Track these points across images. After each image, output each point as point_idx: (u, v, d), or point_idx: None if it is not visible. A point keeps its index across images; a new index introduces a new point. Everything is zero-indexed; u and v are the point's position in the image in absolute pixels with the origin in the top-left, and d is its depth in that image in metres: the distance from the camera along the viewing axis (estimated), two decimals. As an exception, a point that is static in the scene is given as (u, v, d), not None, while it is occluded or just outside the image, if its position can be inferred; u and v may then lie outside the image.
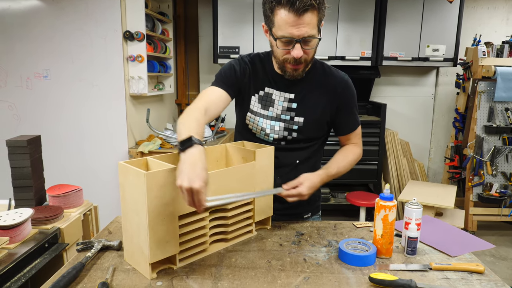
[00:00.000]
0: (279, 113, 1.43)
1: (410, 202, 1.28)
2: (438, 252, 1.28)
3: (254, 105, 1.46)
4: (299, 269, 1.16)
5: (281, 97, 1.43)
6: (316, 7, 1.20)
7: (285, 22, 1.20)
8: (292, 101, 1.42)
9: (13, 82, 3.16)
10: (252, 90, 1.45)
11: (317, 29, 1.26)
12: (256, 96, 1.45)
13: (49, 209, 1.60)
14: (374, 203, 1.27)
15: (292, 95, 1.42)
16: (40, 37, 3.07)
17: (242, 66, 1.44)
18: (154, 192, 1.06)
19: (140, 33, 3.07)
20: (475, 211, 3.75)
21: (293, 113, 1.43)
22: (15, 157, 1.62)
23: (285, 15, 1.20)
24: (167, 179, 1.08)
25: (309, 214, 1.60)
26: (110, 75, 3.10)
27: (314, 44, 1.28)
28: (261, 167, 1.34)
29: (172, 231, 1.12)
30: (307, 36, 1.22)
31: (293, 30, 1.21)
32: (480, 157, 3.69)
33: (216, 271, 1.14)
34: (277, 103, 1.43)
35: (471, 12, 4.32)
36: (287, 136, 1.45)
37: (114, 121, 3.16)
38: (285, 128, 1.44)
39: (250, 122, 1.48)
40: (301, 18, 1.19)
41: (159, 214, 1.08)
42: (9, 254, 1.30)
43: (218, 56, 3.86)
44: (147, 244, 1.07)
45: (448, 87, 4.49)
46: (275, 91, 1.43)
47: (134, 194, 1.10)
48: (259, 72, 1.45)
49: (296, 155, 1.48)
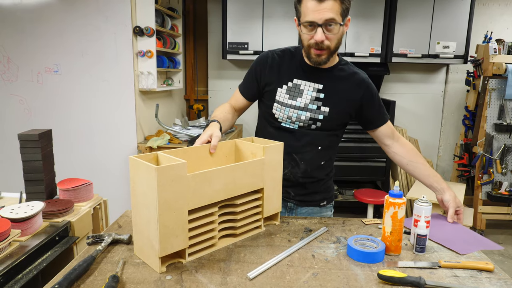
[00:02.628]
0: (307, 102, 1.51)
1: (420, 200, 1.28)
2: (447, 250, 1.28)
3: (281, 96, 1.54)
4: (307, 265, 1.16)
5: (310, 87, 1.51)
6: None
7: (309, 9, 1.33)
8: (321, 91, 1.51)
9: (24, 76, 3.19)
10: (279, 82, 1.55)
11: (340, 17, 1.35)
12: (284, 87, 1.54)
13: (59, 203, 1.62)
14: (382, 200, 1.28)
15: (321, 85, 1.51)
16: (51, 32, 3.09)
17: (260, 64, 1.58)
18: (165, 186, 1.06)
19: (149, 29, 3.08)
20: (484, 209, 3.72)
21: (320, 102, 1.51)
22: (27, 150, 1.64)
23: (309, 3, 1.33)
24: (177, 173, 1.09)
25: (325, 202, 1.68)
26: (120, 70, 3.12)
27: (336, 30, 1.36)
28: (270, 162, 1.36)
29: (182, 225, 1.13)
30: (328, 18, 1.32)
31: (315, 15, 1.32)
32: (489, 155, 3.66)
33: (225, 266, 1.15)
34: (305, 93, 1.52)
35: (482, 8, 4.26)
36: (311, 124, 1.53)
37: (123, 116, 3.18)
38: (311, 118, 1.52)
39: (277, 111, 1.56)
40: (322, 4, 1.31)
41: (169, 208, 1.09)
42: (21, 247, 1.32)
43: (227, 52, 3.86)
44: (157, 238, 1.08)
45: (458, 84, 4.44)
46: (304, 82, 1.52)
47: (144, 188, 1.11)
48: (288, 65, 1.55)
49: (319, 143, 1.56)
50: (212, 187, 1.19)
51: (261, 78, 1.58)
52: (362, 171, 3.97)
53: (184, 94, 4.51)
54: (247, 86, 1.64)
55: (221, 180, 1.21)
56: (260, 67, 1.58)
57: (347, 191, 4.17)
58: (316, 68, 1.49)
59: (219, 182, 1.21)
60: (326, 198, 1.69)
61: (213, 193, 1.20)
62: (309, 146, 1.55)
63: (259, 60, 1.59)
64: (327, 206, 1.70)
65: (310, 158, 1.57)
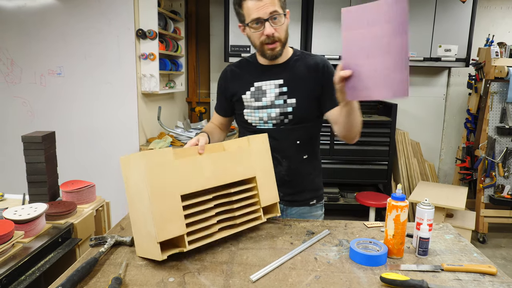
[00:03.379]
0: (273, 99, 1.55)
1: (422, 203, 1.28)
2: (450, 253, 1.28)
3: (247, 101, 1.59)
4: (310, 267, 1.16)
5: (271, 85, 1.55)
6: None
7: (251, 9, 1.40)
8: (282, 85, 1.54)
9: (27, 78, 3.20)
10: (242, 89, 1.60)
11: (281, 9, 1.42)
12: (248, 93, 1.59)
13: (62, 205, 1.62)
14: (384, 203, 1.28)
15: (281, 80, 1.55)
16: (55, 34, 3.11)
17: (223, 80, 1.68)
18: (153, 170, 1.13)
19: (152, 32, 3.10)
20: (486, 213, 3.71)
21: (285, 96, 1.54)
22: (30, 152, 1.64)
23: (249, 4, 1.40)
24: (164, 159, 1.16)
25: (314, 201, 1.69)
26: (123, 73, 3.13)
27: (282, 21, 1.43)
28: (257, 151, 1.42)
29: (177, 211, 1.16)
30: (272, 11, 1.39)
31: (259, 12, 1.39)
32: (492, 159, 3.65)
33: (228, 268, 1.15)
34: (269, 92, 1.55)
35: (484, 12, 4.27)
36: (284, 119, 1.56)
37: (125, 118, 3.19)
38: (280, 113, 1.55)
39: (248, 116, 1.61)
40: (262, 1, 1.38)
41: (160, 193, 1.13)
42: (24, 248, 1.33)
43: (229, 54, 3.87)
44: (153, 224, 1.11)
45: (460, 87, 4.44)
46: (264, 82, 1.56)
47: (136, 179, 1.16)
48: (246, 72, 1.62)
49: (296, 137, 1.58)
50: (202, 174, 1.25)
51: (227, 92, 1.66)
52: (364, 174, 3.97)
53: (186, 97, 4.53)
54: (218, 104, 1.74)
55: (210, 167, 1.27)
56: (222, 82, 1.69)
57: (349, 194, 4.16)
58: (272, 65, 1.56)
59: (208, 169, 1.27)
60: (315, 197, 1.69)
61: (204, 180, 1.25)
62: (287, 142, 1.57)
63: (221, 77, 1.70)
64: (317, 205, 1.71)
65: (291, 154, 1.58)
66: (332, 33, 3.84)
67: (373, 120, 3.88)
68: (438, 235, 1.42)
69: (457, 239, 1.39)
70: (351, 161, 3.93)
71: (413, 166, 4.09)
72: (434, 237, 1.39)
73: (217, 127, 1.75)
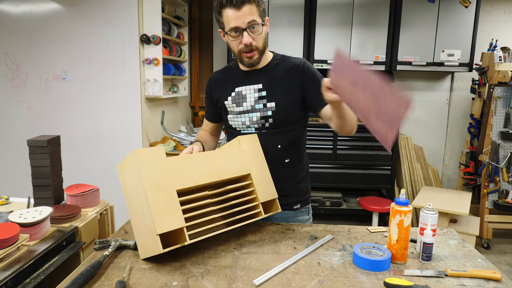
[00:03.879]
0: (253, 104, 1.57)
1: (426, 208, 1.28)
2: (454, 258, 1.27)
3: (229, 106, 1.62)
4: (313, 272, 1.16)
5: (251, 90, 1.58)
6: (249, 0, 1.41)
7: (230, 18, 1.42)
8: (261, 90, 1.56)
9: (32, 83, 3.23)
10: (225, 95, 1.63)
11: (260, 18, 1.45)
12: (229, 98, 1.62)
13: (67, 208, 1.63)
14: (387, 208, 1.28)
15: (260, 85, 1.57)
16: (60, 39, 3.14)
17: (209, 87, 1.72)
18: (147, 166, 1.18)
19: (156, 37, 3.12)
20: (490, 218, 3.69)
21: (265, 100, 1.56)
22: (36, 156, 1.66)
23: (229, 12, 1.42)
24: (156, 156, 1.22)
25: (298, 205, 1.67)
26: (127, 78, 3.15)
27: (260, 30, 1.46)
28: (249, 150, 1.46)
29: (174, 204, 1.18)
30: (250, 21, 1.41)
31: (237, 22, 1.42)
32: (496, 164, 3.64)
33: (231, 273, 1.15)
34: (248, 97, 1.58)
35: (487, 16, 4.27)
36: (264, 123, 1.57)
37: (129, 122, 3.21)
38: (261, 117, 1.57)
39: (232, 121, 1.64)
40: (241, 10, 1.40)
41: (156, 187, 1.17)
42: (29, 251, 1.33)
43: (231, 59, 3.88)
44: (151, 217, 1.13)
45: (463, 92, 4.44)
46: (244, 87, 1.59)
47: (132, 180, 1.20)
48: (228, 79, 1.66)
49: (277, 141, 1.59)
50: (196, 171, 1.29)
51: (213, 99, 1.70)
52: (367, 179, 3.96)
53: (189, 101, 4.54)
54: (208, 111, 1.79)
55: (204, 164, 1.32)
56: (209, 89, 1.72)
57: (352, 199, 4.15)
58: (252, 71, 1.58)
59: (202, 166, 1.31)
60: (300, 201, 1.67)
61: (199, 176, 1.29)
62: (268, 146, 1.55)
63: (207, 84, 1.74)
64: (302, 210, 1.68)
65: (273, 158, 1.55)
66: (335, 38, 3.85)
67: (376, 125, 3.87)
68: (442, 241, 1.42)
69: (461, 244, 1.39)
70: (354, 166, 3.92)
71: (417, 171, 4.08)
72: (438, 242, 1.39)
73: (208, 134, 1.80)
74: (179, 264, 1.20)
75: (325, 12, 3.83)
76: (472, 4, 3.81)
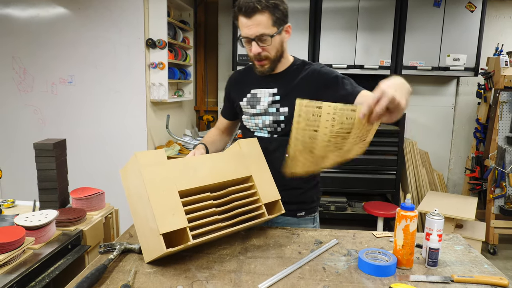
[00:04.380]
0: (266, 107, 1.56)
1: (432, 213, 1.27)
2: (460, 264, 1.26)
3: (244, 107, 1.63)
4: (318, 277, 1.16)
5: (265, 94, 1.57)
6: (260, 9, 1.36)
7: (242, 25, 1.41)
8: (276, 94, 1.55)
9: (39, 87, 3.25)
10: (241, 96, 1.64)
11: (273, 28, 1.40)
12: (245, 99, 1.62)
13: (72, 211, 1.64)
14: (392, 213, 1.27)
15: (275, 89, 1.55)
16: (66, 43, 3.16)
17: (228, 85, 1.73)
18: (148, 167, 1.19)
19: (162, 41, 3.14)
20: (496, 223, 3.66)
21: (278, 104, 1.54)
22: (42, 159, 1.67)
23: (241, 20, 1.41)
24: (157, 158, 1.24)
25: (302, 213, 1.63)
26: (132, 82, 3.16)
27: (269, 42, 1.42)
28: (249, 153, 1.47)
29: (176, 205, 1.19)
30: (258, 34, 1.39)
31: (246, 31, 1.40)
32: (502, 169, 3.61)
33: (236, 277, 1.15)
34: (262, 100, 1.57)
35: (493, 21, 4.26)
36: (277, 127, 1.56)
37: (134, 126, 3.22)
38: (273, 121, 1.56)
39: (246, 122, 1.65)
40: (251, 20, 1.38)
41: (158, 187, 1.18)
42: (34, 254, 1.34)
43: (237, 63, 3.90)
44: (154, 217, 1.13)
45: (469, 97, 4.42)
46: (260, 90, 1.58)
47: (135, 182, 1.21)
48: (247, 79, 1.64)
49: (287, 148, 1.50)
50: (198, 173, 1.30)
51: (230, 97, 1.71)
52: (372, 183, 3.95)
53: (194, 105, 4.56)
54: (225, 107, 1.78)
55: (205, 167, 1.34)
56: (228, 86, 1.73)
57: (357, 204, 4.14)
58: (270, 75, 1.55)
59: (203, 168, 1.33)
60: (304, 209, 1.63)
61: (200, 178, 1.30)
62: (278, 151, 1.54)
63: (228, 80, 1.74)
64: (306, 218, 1.64)
65: (279, 165, 1.47)
66: (340, 43, 3.85)
67: (381, 129, 3.86)
68: (448, 246, 1.41)
69: (467, 250, 1.38)
70: (359, 170, 3.91)
71: (422, 175, 4.06)
72: (444, 248, 1.38)
73: (219, 133, 1.79)
74: (184, 268, 1.20)
75: (330, 16, 3.84)
76: (478, 9, 3.80)
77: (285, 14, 1.43)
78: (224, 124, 1.80)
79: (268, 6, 1.37)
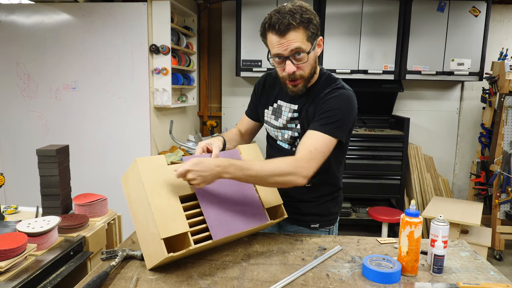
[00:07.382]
0: (285, 122, 1.52)
1: (437, 219, 1.26)
2: (466, 271, 1.24)
3: (267, 117, 1.59)
4: (321, 284, 1.14)
5: (288, 108, 1.52)
6: (295, 26, 1.28)
7: (273, 43, 1.33)
8: (296, 111, 1.50)
9: (43, 93, 3.27)
10: (267, 103, 1.59)
11: (308, 43, 1.33)
12: (270, 108, 1.58)
13: (75, 218, 1.63)
14: (397, 219, 1.26)
15: (296, 106, 1.50)
16: (70, 50, 3.18)
17: (260, 86, 1.64)
18: (148, 173, 1.20)
19: (165, 47, 3.14)
20: (502, 229, 3.62)
21: (297, 121, 1.50)
22: (44, 165, 1.67)
23: (272, 38, 1.32)
24: (157, 164, 1.24)
25: (317, 225, 1.58)
26: (136, 87, 3.17)
27: (306, 59, 1.35)
28: (250, 158, 1.48)
29: (177, 210, 1.20)
30: (293, 49, 1.31)
31: (280, 49, 1.32)
32: (507, 174, 3.58)
33: (239, 284, 1.14)
34: (284, 114, 1.53)
35: (498, 25, 4.24)
36: (294, 142, 1.54)
37: (138, 132, 3.22)
38: (291, 136, 1.53)
39: (269, 130, 1.62)
40: (285, 37, 1.30)
41: (158, 192, 1.19)
42: (36, 261, 1.33)
43: (240, 69, 3.90)
44: (155, 222, 1.13)
45: (473, 101, 4.39)
46: (285, 103, 1.53)
47: (135, 188, 1.22)
48: (272, 88, 1.59)
49: None
50: None
51: (257, 98, 1.65)
52: (376, 188, 3.92)
53: (197, 111, 4.56)
54: (250, 106, 1.70)
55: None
56: (258, 87, 1.65)
57: (361, 209, 4.11)
58: None
59: None
60: (319, 221, 1.58)
61: None
62: None
63: (258, 81, 1.66)
64: (321, 230, 1.58)
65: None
66: (343, 48, 3.85)
67: (386, 134, 3.85)
68: (453, 252, 1.39)
69: (473, 256, 1.36)
70: (363, 175, 3.89)
71: (427, 181, 4.03)
72: (449, 254, 1.36)
73: (239, 134, 1.69)
74: (186, 275, 1.19)
75: (334, 21, 3.84)
76: (482, 13, 3.78)
77: (318, 28, 1.35)
78: (246, 125, 1.71)
79: (303, 21, 1.29)
